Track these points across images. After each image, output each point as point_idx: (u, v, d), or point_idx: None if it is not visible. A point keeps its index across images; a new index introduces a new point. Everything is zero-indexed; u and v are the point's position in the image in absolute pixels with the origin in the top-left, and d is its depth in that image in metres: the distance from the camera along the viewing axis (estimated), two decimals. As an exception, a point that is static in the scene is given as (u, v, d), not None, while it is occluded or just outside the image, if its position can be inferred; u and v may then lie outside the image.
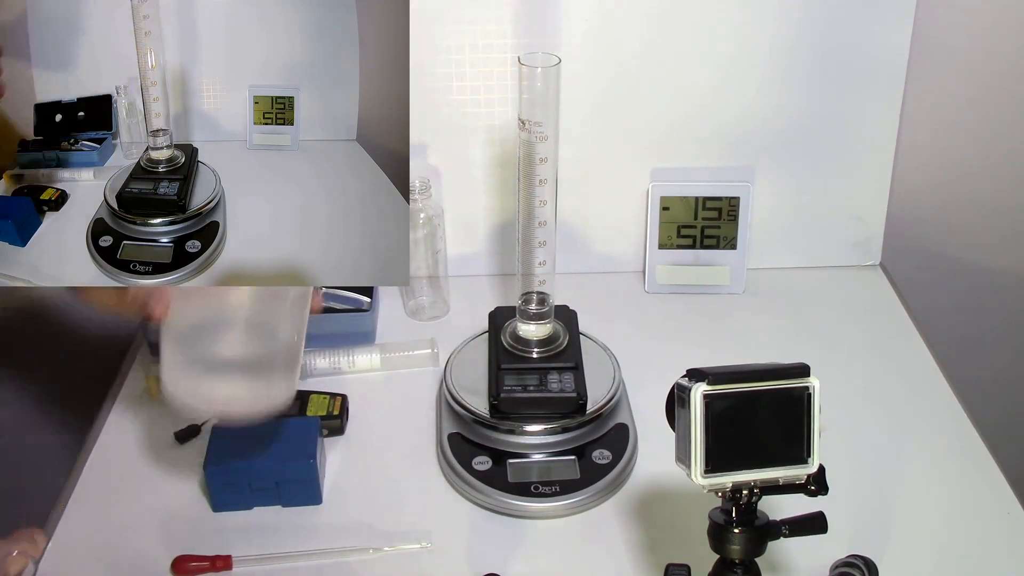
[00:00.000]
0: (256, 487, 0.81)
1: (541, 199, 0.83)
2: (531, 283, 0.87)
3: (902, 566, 0.74)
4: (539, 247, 0.84)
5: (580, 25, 1.02)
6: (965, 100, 1.15)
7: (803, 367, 0.55)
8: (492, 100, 1.05)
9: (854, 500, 0.81)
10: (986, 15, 1.10)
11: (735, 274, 1.11)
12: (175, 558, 0.75)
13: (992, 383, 1.32)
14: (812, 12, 1.02)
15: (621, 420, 0.87)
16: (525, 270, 0.86)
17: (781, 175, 1.10)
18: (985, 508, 0.81)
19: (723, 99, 1.06)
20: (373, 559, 0.76)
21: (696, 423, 0.53)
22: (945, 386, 0.96)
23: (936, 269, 1.26)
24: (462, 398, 0.87)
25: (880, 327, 1.05)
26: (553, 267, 0.87)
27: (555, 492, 0.80)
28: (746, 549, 0.57)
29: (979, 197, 1.21)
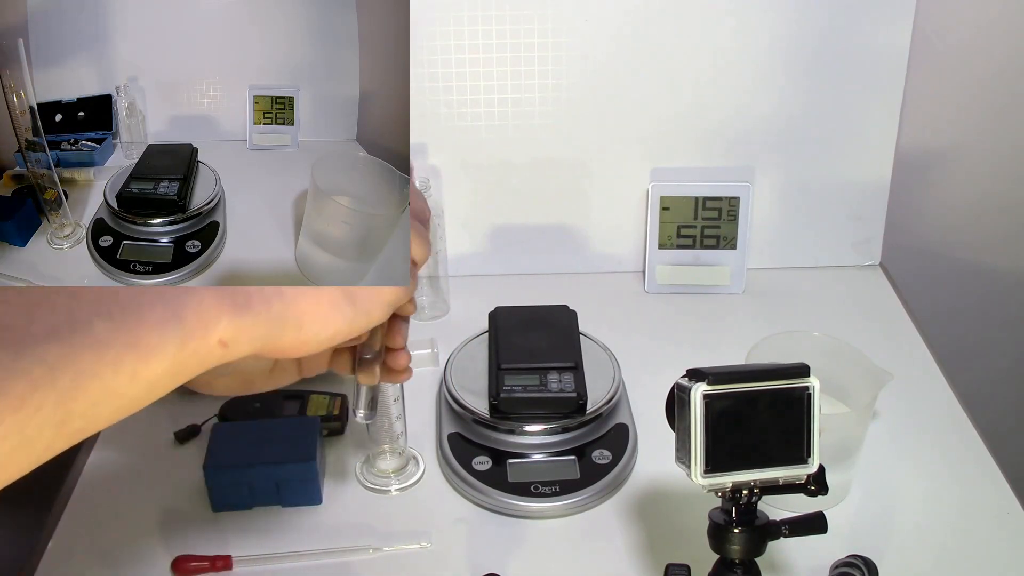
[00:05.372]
0: (256, 487, 0.81)
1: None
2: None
3: (902, 566, 0.75)
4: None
5: (580, 25, 1.02)
6: (965, 100, 1.15)
7: (803, 367, 0.55)
8: (492, 100, 1.05)
9: (854, 500, 0.81)
10: (986, 15, 1.10)
11: (735, 274, 1.11)
12: (175, 558, 0.75)
13: (992, 383, 1.32)
14: (812, 12, 1.02)
15: (621, 420, 0.87)
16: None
17: (781, 175, 1.10)
18: (985, 508, 0.81)
19: (723, 99, 1.06)
20: (373, 559, 0.76)
21: (696, 423, 0.53)
22: (945, 386, 0.96)
23: (936, 269, 1.26)
24: (462, 398, 0.87)
25: (880, 327, 1.05)
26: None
27: (555, 492, 0.80)
28: (746, 549, 0.57)
29: (979, 197, 1.22)
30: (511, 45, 1.03)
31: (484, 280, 1.14)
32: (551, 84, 1.05)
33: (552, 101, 1.06)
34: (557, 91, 1.05)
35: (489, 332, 0.94)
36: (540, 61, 1.04)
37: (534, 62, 1.04)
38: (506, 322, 0.94)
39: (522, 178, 1.10)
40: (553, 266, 1.15)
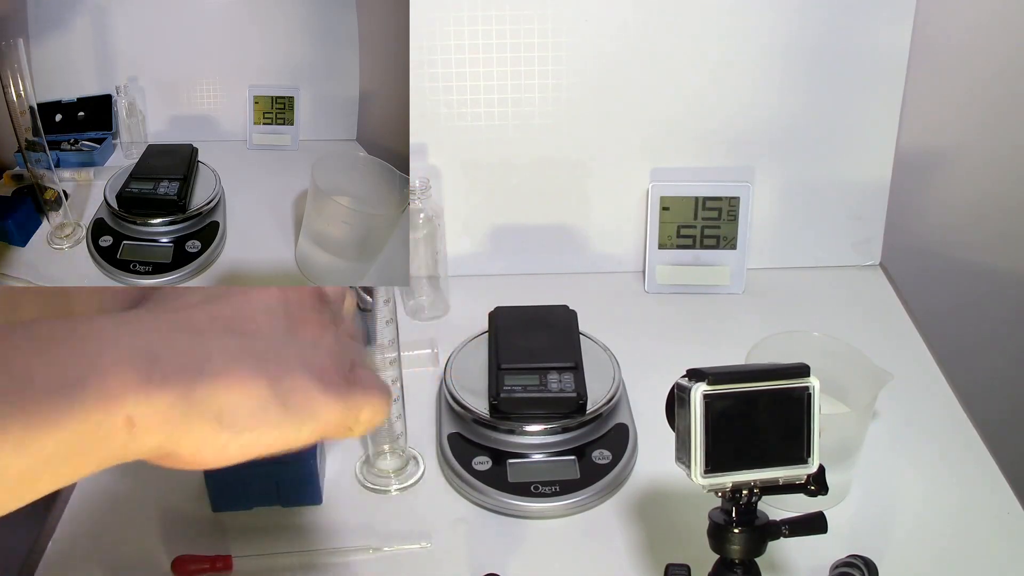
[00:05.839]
0: (256, 487, 0.81)
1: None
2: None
3: (902, 566, 0.74)
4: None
5: (580, 25, 1.02)
6: (965, 100, 1.15)
7: (803, 367, 0.55)
8: (492, 100, 1.05)
9: (854, 500, 0.81)
10: (986, 15, 1.10)
11: (735, 274, 1.11)
12: (175, 558, 0.75)
13: (992, 383, 1.32)
14: (812, 12, 1.02)
15: (621, 420, 0.87)
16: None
17: (781, 175, 1.10)
18: (985, 508, 0.81)
19: (723, 99, 1.06)
20: (373, 559, 0.76)
21: (696, 423, 0.53)
22: (945, 386, 0.96)
23: (936, 269, 1.26)
24: (462, 398, 0.87)
25: (880, 327, 1.05)
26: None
27: (555, 492, 0.80)
28: (746, 549, 0.57)
29: (979, 197, 1.22)
30: (511, 45, 1.03)
31: (484, 280, 1.14)
32: (551, 84, 1.05)
33: (552, 101, 1.06)
34: (557, 91, 1.05)
35: (489, 332, 0.94)
36: (540, 61, 1.04)
37: (534, 62, 1.04)
38: (506, 322, 0.94)
39: (522, 178, 1.10)
40: (553, 266, 1.15)
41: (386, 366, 0.80)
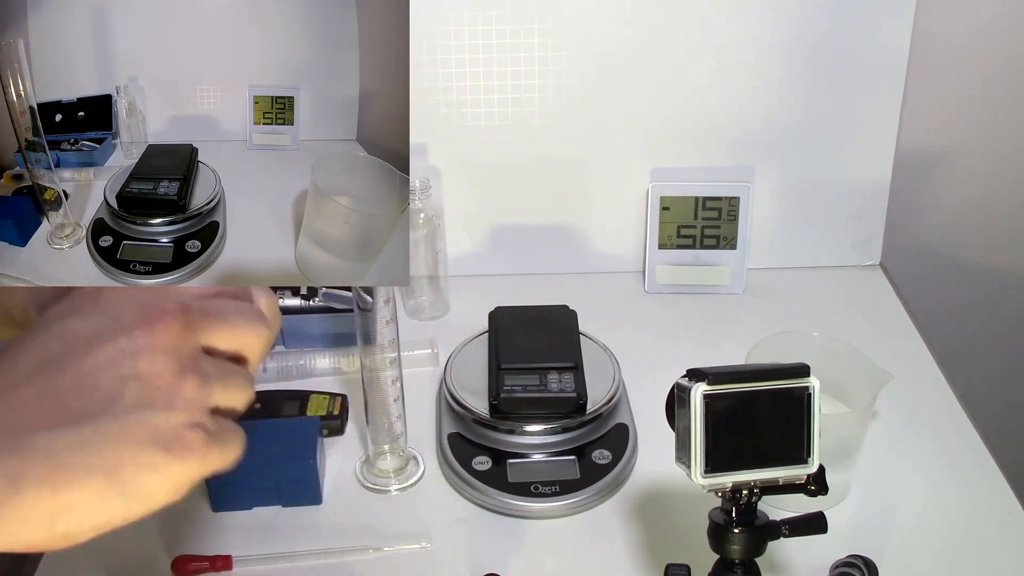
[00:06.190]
0: (256, 487, 0.81)
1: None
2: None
3: (902, 566, 0.74)
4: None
5: (580, 25, 1.02)
6: (965, 100, 1.15)
7: (803, 367, 0.55)
8: (492, 100, 1.05)
9: (854, 500, 0.81)
10: (986, 15, 1.10)
11: (735, 274, 1.11)
12: (175, 558, 0.75)
13: (992, 383, 1.32)
14: (812, 12, 1.02)
15: (621, 420, 0.87)
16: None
17: (781, 175, 1.10)
18: (985, 508, 0.81)
19: (723, 99, 1.06)
20: (373, 559, 0.76)
21: (696, 423, 0.53)
22: (945, 386, 0.96)
23: (936, 269, 1.26)
24: (462, 398, 0.87)
25: (880, 327, 1.05)
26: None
27: (555, 492, 0.80)
28: (746, 549, 0.57)
29: (979, 197, 1.22)
30: (511, 45, 1.03)
31: (484, 280, 1.14)
32: (551, 84, 1.05)
33: (552, 101, 1.06)
34: (557, 91, 1.05)
35: (489, 332, 0.94)
36: (540, 61, 1.04)
37: (534, 62, 1.04)
38: (506, 322, 0.94)
39: (522, 178, 1.10)
40: (553, 266, 1.15)
41: (386, 366, 0.80)
